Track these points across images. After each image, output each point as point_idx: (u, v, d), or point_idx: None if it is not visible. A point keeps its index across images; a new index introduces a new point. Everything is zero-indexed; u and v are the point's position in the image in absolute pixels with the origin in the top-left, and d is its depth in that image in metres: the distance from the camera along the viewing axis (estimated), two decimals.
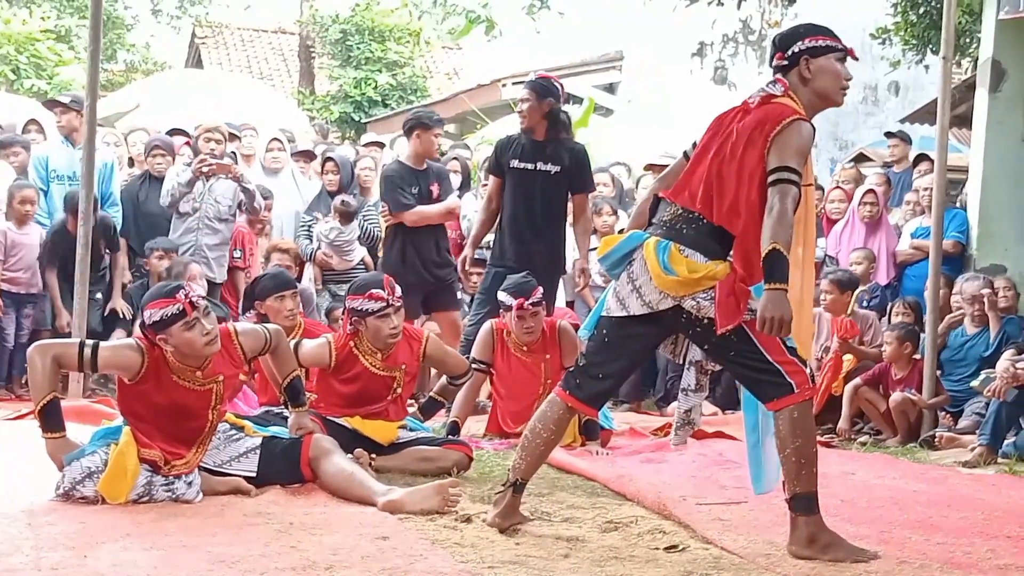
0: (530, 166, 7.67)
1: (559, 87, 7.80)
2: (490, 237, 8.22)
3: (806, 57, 4.28)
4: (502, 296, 7.04)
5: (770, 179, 4.06)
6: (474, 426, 7.32)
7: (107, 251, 8.95)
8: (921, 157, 10.40)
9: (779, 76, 4.32)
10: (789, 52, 4.31)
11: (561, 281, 8.41)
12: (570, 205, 7.91)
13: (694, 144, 4.42)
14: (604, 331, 4.36)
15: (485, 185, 10.03)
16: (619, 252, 4.33)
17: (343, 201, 9.48)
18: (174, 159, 9.72)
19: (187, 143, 10.04)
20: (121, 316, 8.99)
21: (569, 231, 8.07)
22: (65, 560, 3.74)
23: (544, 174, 7.65)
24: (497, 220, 7.88)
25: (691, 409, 4.57)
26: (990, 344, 7.90)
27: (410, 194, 8.35)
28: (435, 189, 8.50)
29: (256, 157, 10.53)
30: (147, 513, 4.57)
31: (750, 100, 4.28)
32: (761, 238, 4.00)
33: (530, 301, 6.92)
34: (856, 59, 4.38)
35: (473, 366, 6.83)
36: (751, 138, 4.15)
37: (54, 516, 4.45)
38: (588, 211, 8.00)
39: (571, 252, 8.29)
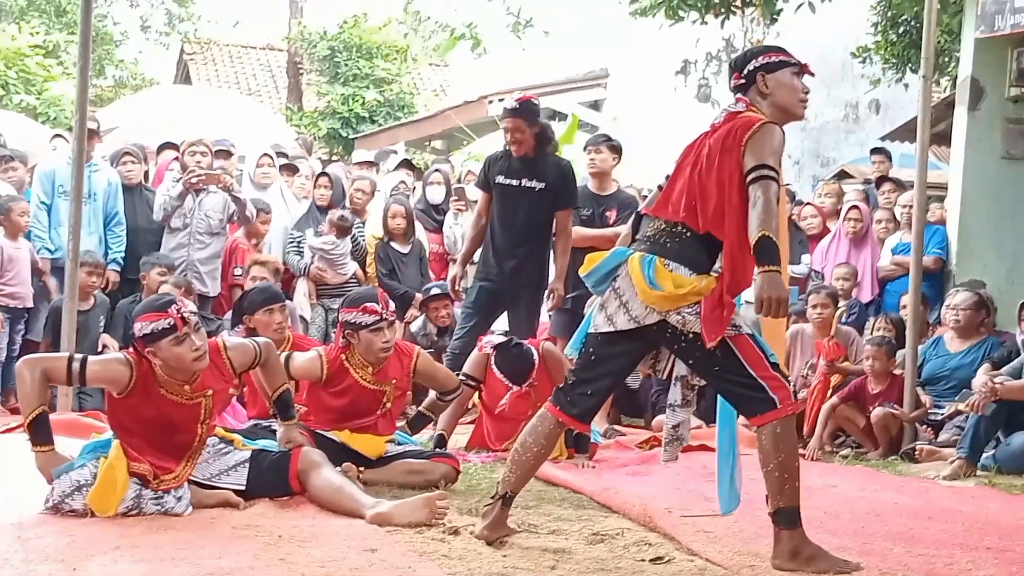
0: (515, 182, 7.65)
1: (537, 103, 7.80)
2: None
3: (762, 73, 4.36)
4: (499, 375, 7.04)
5: (750, 177, 4.12)
6: (460, 440, 7.31)
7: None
8: (883, 179, 10.45)
9: (739, 96, 4.39)
10: (745, 71, 4.40)
11: None
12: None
13: (667, 177, 4.48)
14: (591, 349, 4.39)
15: (457, 200, 10.10)
16: (603, 269, 4.35)
17: (341, 216, 9.48)
18: (144, 163, 9.71)
19: (176, 159, 10.01)
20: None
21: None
22: (55, 572, 3.73)
23: (529, 190, 7.64)
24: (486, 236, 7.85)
25: (679, 424, 4.58)
26: (973, 361, 7.91)
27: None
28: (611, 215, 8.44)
29: (246, 173, 10.51)
30: (136, 526, 4.55)
31: (716, 121, 4.36)
32: (749, 229, 4.06)
33: (526, 384, 6.99)
34: (812, 75, 4.47)
35: (463, 380, 6.83)
36: (725, 145, 4.21)
37: (43, 529, 4.44)
38: (570, 228, 7.88)
39: None
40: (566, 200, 7.76)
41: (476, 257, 8.12)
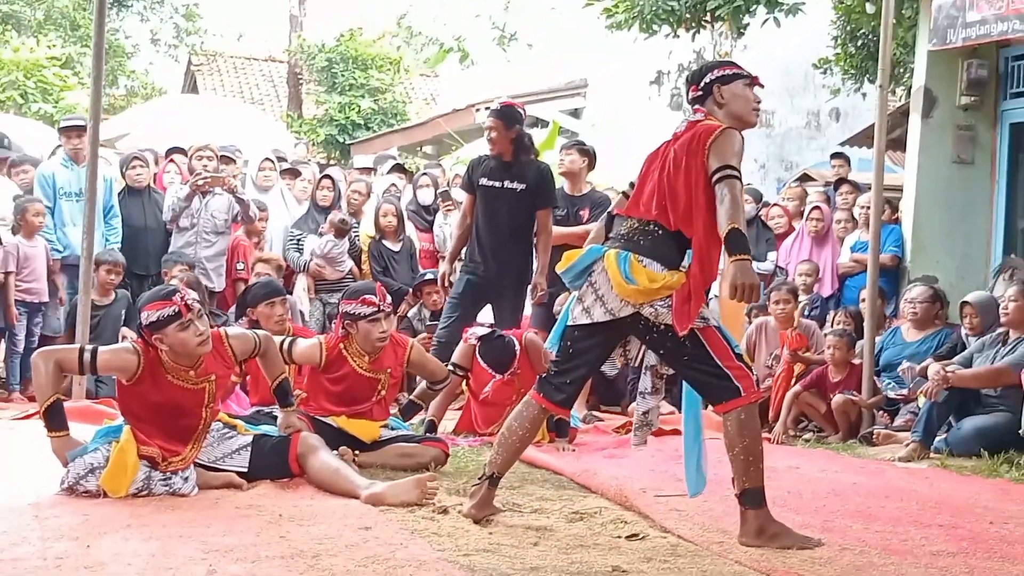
0: (498, 184, 7.64)
1: (523, 112, 7.79)
2: None
3: (717, 85, 4.40)
4: (484, 365, 7.04)
5: (716, 177, 4.14)
6: (449, 425, 7.30)
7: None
8: (842, 181, 10.47)
9: (697, 107, 4.42)
10: (702, 83, 4.43)
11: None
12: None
13: (631, 184, 4.52)
14: (569, 342, 4.40)
15: (444, 201, 10.08)
16: (580, 265, 4.36)
17: (342, 220, 9.51)
18: (150, 167, 9.69)
19: (171, 160, 9.99)
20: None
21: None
22: (69, 550, 3.72)
23: (511, 191, 7.63)
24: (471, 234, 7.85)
25: (648, 411, 4.58)
26: (928, 351, 7.93)
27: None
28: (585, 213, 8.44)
29: (249, 176, 10.50)
30: (146, 506, 4.54)
31: (678, 130, 4.39)
32: (719, 224, 4.08)
33: (508, 373, 7.00)
34: (762, 86, 4.50)
35: (452, 370, 6.83)
36: (690, 149, 4.23)
37: (59, 509, 4.42)
38: (549, 226, 7.86)
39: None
40: (545, 200, 7.76)
41: (463, 254, 8.12)
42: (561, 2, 24.81)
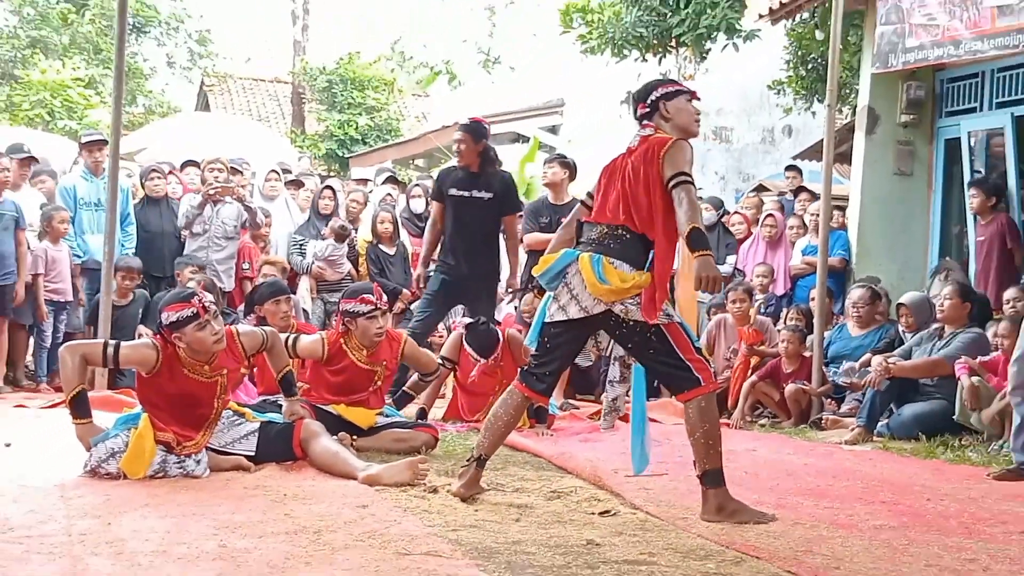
0: (466, 193, 7.59)
1: (487, 127, 7.78)
2: None
3: (663, 101, 4.39)
4: (469, 351, 7.03)
5: (672, 184, 4.14)
6: (438, 412, 7.30)
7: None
8: (801, 189, 10.50)
9: (645, 122, 4.41)
10: (648, 100, 4.42)
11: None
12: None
13: (589, 194, 4.54)
14: (546, 338, 4.40)
15: None
16: (556, 268, 4.35)
17: (342, 226, 9.52)
18: (166, 179, 9.68)
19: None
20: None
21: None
22: (92, 527, 3.70)
23: (479, 200, 7.58)
24: (442, 239, 7.79)
25: (616, 398, 4.59)
26: (871, 344, 7.96)
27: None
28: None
29: (255, 186, 10.49)
30: (162, 487, 4.53)
31: (631, 145, 4.39)
32: (679, 225, 4.09)
33: (492, 358, 6.97)
34: (699, 99, 4.49)
35: (442, 362, 6.82)
36: (647, 158, 4.23)
37: (83, 489, 4.41)
38: (515, 231, 7.87)
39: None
40: (511, 207, 7.75)
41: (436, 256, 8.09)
42: (541, 28, 24.81)
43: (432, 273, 7.74)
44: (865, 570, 3.44)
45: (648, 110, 4.41)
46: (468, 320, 7.13)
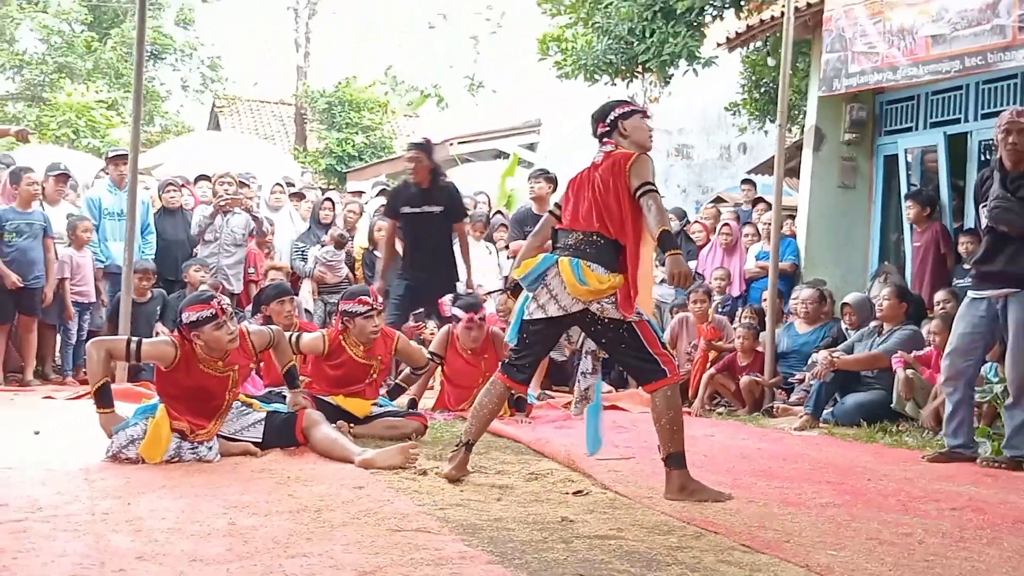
0: (418, 210, 7.58)
1: (435, 145, 7.76)
2: None
3: (621, 120, 4.40)
4: (455, 311, 7.02)
5: (639, 192, 4.16)
6: (428, 403, 7.28)
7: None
8: (758, 200, 10.54)
9: (605, 140, 4.42)
10: (607, 120, 4.43)
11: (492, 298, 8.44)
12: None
13: (557, 204, 4.54)
14: (525, 335, 4.41)
15: None
16: (536, 272, 4.34)
17: (340, 234, 9.53)
18: (180, 191, 9.65)
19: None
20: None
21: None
22: (113, 507, 3.69)
23: (430, 214, 7.57)
24: (403, 251, 7.76)
25: (587, 388, 4.58)
26: (817, 340, 8.00)
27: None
28: None
29: (262, 198, 10.46)
30: (177, 470, 4.51)
31: (596, 160, 4.40)
32: (649, 229, 4.12)
33: (478, 316, 6.91)
34: (649, 116, 4.50)
35: (431, 357, 6.81)
36: (614, 171, 4.25)
37: (105, 473, 4.39)
38: (466, 236, 7.92)
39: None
40: (459, 216, 7.78)
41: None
42: (520, 56, 24.83)
43: (397, 281, 7.71)
44: (812, 543, 3.46)
45: (608, 128, 4.42)
46: (451, 296, 7.13)
